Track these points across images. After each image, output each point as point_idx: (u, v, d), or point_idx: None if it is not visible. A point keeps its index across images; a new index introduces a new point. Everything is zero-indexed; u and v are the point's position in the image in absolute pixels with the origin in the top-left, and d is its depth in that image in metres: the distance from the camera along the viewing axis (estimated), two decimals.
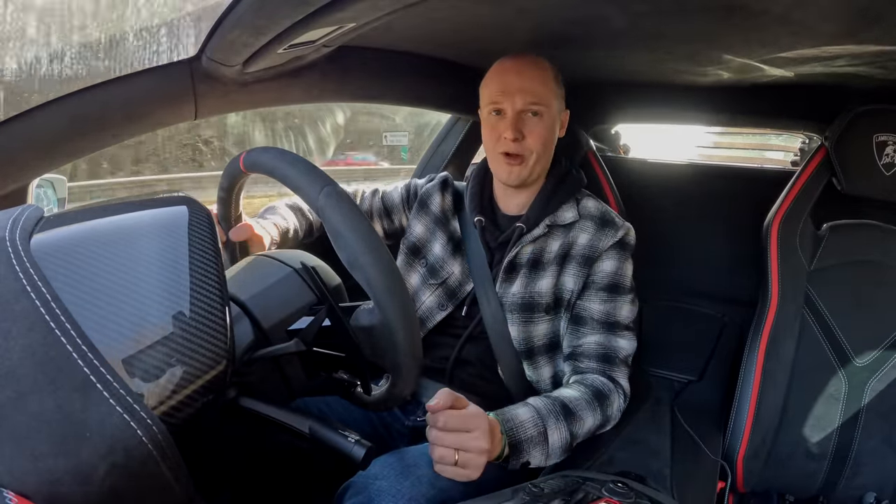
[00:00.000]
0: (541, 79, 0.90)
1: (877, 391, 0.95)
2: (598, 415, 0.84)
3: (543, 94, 0.89)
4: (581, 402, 0.83)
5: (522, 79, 0.89)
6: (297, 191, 0.58)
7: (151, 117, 0.78)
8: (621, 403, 0.87)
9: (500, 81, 0.91)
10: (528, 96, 0.88)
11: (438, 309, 0.97)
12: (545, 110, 0.90)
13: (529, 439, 0.77)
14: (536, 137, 0.89)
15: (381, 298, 0.55)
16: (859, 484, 0.94)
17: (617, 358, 0.89)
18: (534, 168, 0.92)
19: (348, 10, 0.59)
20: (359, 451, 0.52)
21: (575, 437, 0.81)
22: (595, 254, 0.92)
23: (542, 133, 0.90)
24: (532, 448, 0.77)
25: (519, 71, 0.90)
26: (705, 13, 0.76)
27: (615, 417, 0.87)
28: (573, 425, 0.81)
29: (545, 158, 0.93)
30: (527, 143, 0.89)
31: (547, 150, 0.92)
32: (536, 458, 0.77)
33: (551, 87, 0.91)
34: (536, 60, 0.91)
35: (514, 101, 0.89)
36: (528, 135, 0.89)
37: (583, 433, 0.82)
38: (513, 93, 0.89)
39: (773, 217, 1.06)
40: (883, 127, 0.98)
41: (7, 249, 0.39)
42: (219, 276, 0.47)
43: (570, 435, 0.80)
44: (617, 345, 0.90)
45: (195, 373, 0.43)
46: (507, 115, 0.90)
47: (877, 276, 0.99)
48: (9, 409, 0.35)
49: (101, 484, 0.36)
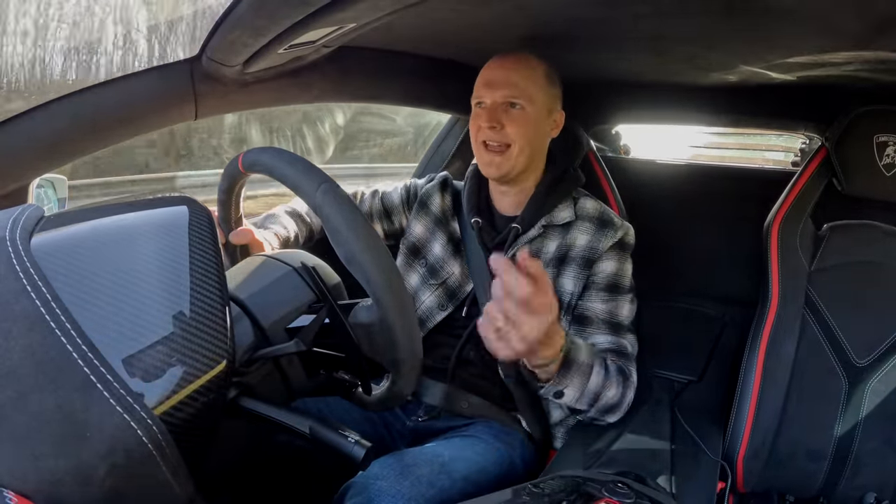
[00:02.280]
0: (524, 74, 0.90)
1: (877, 392, 0.95)
2: (620, 390, 0.84)
3: (525, 88, 0.89)
4: (612, 370, 0.84)
5: (505, 73, 0.90)
6: (296, 189, 0.58)
7: (151, 117, 0.78)
8: (632, 395, 0.87)
9: (484, 76, 0.92)
10: (508, 88, 0.89)
11: (438, 309, 0.97)
12: (527, 104, 0.89)
13: (579, 366, 0.77)
14: (515, 128, 0.89)
15: (379, 295, 0.55)
16: (860, 484, 0.94)
17: (627, 353, 0.90)
18: (517, 160, 0.91)
19: (348, 10, 0.59)
20: (359, 452, 0.52)
21: (601, 397, 0.82)
22: (595, 255, 0.92)
23: (523, 125, 0.89)
24: (576, 376, 0.77)
25: (502, 66, 0.91)
26: (707, 14, 0.76)
27: (625, 407, 0.87)
28: (606, 382, 0.82)
29: (529, 152, 0.92)
30: (505, 132, 0.89)
31: (531, 144, 0.91)
32: (572, 390, 0.78)
33: (539, 83, 0.91)
34: (524, 57, 0.92)
35: (493, 93, 0.90)
36: (506, 124, 0.89)
37: (605, 399, 0.83)
38: (494, 86, 0.90)
39: (773, 217, 1.06)
40: (883, 127, 0.98)
41: (7, 249, 0.39)
42: (219, 276, 0.47)
43: (602, 388, 0.81)
44: (623, 342, 0.90)
45: (195, 373, 0.43)
46: (486, 106, 0.91)
47: (877, 277, 0.99)
48: (9, 409, 0.35)
49: (102, 484, 0.36)
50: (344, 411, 0.89)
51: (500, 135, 0.89)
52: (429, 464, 0.76)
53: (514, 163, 0.91)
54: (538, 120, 0.91)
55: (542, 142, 0.94)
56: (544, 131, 0.94)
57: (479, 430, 0.91)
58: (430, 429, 0.95)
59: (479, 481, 0.81)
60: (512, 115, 0.89)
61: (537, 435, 0.95)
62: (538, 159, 0.96)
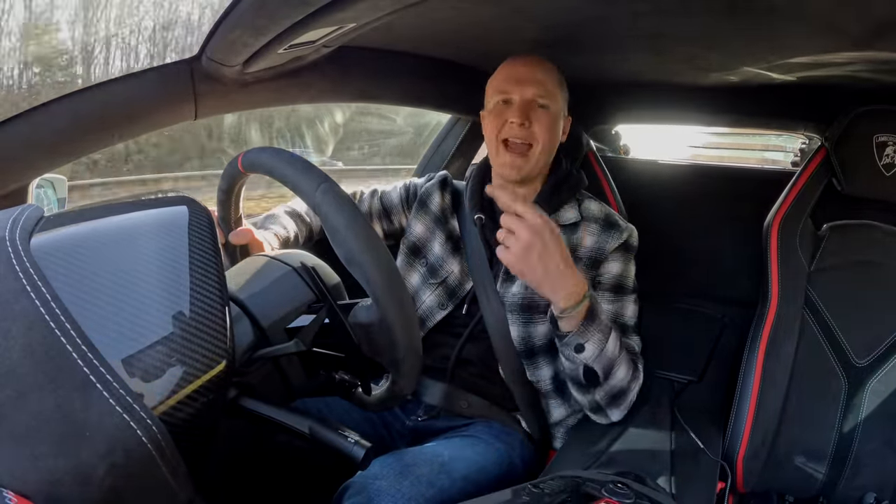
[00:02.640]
0: (548, 74, 0.91)
1: (877, 392, 0.95)
2: (629, 375, 0.85)
3: (551, 90, 0.90)
4: (625, 349, 0.85)
5: (534, 71, 0.90)
6: (295, 189, 0.58)
7: (151, 117, 0.78)
8: (636, 389, 0.88)
9: (511, 72, 0.92)
10: (538, 87, 0.89)
11: (438, 308, 0.97)
12: (552, 105, 0.90)
13: (600, 321, 0.80)
14: (543, 127, 0.89)
15: (379, 295, 0.55)
16: (859, 484, 0.94)
17: (634, 352, 0.90)
18: (538, 162, 0.91)
19: (348, 10, 0.59)
20: (359, 452, 0.52)
21: (613, 370, 0.83)
22: (602, 256, 0.92)
23: (549, 125, 0.90)
24: (597, 332, 0.79)
25: (529, 65, 0.91)
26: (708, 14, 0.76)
27: (630, 400, 0.87)
28: (620, 354, 0.83)
29: (548, 155, 0.93)
30: (533, 131, 0.89)
31: (551, 145, 0.92)
32: (592, 345, 0.79)
33: (558, 86, 0.92)
34: (544, 60, 0.93)
35: (524, 90, 0.89)
36: (534, 122, 0.89)
37: (616, 377, 0.83)
38: (523, 82, 0.90)
39: (773, 217, 1.06)
40: (883, 127, 0.98)
41: (7, 249, 0.39)
42: (219, 276, 0.47)
43: (616, 357, 0.82)
44: (629, 343, 0.90)
45: (195, 373, 0.43)
46: (514, 103, 0.90)
47: (877, 277, 0.99)
48: (8, 409, 0.35)
49: (101, 484, 0.36)
50: (344, 411, 0.89)
51: (528, 133, 0.89)
52: (428, 463, 0.76)
53: (535, 164, 0.91)
54: (557, 122, 0.92)
55: (556, 144, 0.94)
56: (559, 134, 0.94)
57: (478, 430, 0.91)
58: (430, 428, 0.95)
59: (479, 481, 0.81)
60: (540, 113, 0.89)
61: (537, 435, 0.95)
62: (551, 160, 0.96)
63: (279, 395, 0.62)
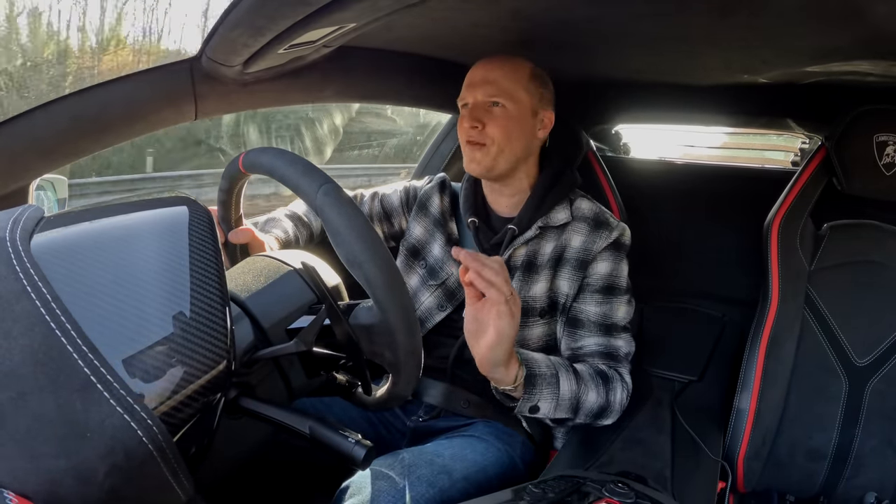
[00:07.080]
0: (507, 73, 0.90)
1: (878, 391, 0.95)
2: (602, 393, 0.84)
3: (507, 88, 0.89)
4: (585, 374, 0.85)
5: (487, 73, 0.90)
6: (296, 190, 0.58)
7: (151, 117, 0.78)
8: (624, 396, 0.87)
9: (469, 77, 0.93)
10: (489, 88, 0.89)
11: (438, 309, 0.97)
12: (508, 103, 0.89)
13: (542, 376, 0.79)
14: (496, 127, 0.89)
15: (380, 296, 0.55)
16: (860, 484, 0.94)
17: (618, 355, 0.89)
18: (497, 158, 0.90)
19: (348, 10, 0.59)
20: (359, 452, 0.52)
21: (580, 403, 0.82)
22: (589, 256, 0.92)
23: (504, 124, 0.89)
24: (544, 387, 0.78)
25: (484, 67, 0.91)
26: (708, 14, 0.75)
27: (617, 409, 0.87)
28: (580, 387, 0.82)
29: (511, 151, 0.91)
30: (486, 132, 0.89)
31: (512, 143, 0.90)
32: (547, 402, 0.79)
33: (522, 82, 0.90)
34: (509, 58, 0.92)
35: (475, 93, 0.90)
36: (487, 123, 0.89)
37: (587, 405, 0.83)
38: (475, 85, 0.90)
39: (773, 217, 1.06)
40: (883, 127, 0.98)
41: (7, 249, 0.39)
42: (219, 276, 0.47)
43: (578, 393, 0.82)
44: (616, 345, 0.90)
45: (195, 373, 0.43)
46: (469, 106, 0.91)
47: (877, 277, 0.99)
48: (9, 410, 0.35)
49: (102, 484, 0.36)
50: (344, 411, 0.89)
51: (481, 134, 0.89)
52: (429, 464, 0.77)
53: (496, 160, 0.90)
54: (521, 119, 0.91)
55: (527, 141, 0.92)
56: (529, 131, 0.92)
57: (479, 430, 0.91)
58: (430, 429, 0.95)
59: (480, 481, 0.81)
60: (493, 113, 0.89)
61: (537, 435, 0.95)
62: (527, 159, 0.95)
63: (279, 395, 0.62)
